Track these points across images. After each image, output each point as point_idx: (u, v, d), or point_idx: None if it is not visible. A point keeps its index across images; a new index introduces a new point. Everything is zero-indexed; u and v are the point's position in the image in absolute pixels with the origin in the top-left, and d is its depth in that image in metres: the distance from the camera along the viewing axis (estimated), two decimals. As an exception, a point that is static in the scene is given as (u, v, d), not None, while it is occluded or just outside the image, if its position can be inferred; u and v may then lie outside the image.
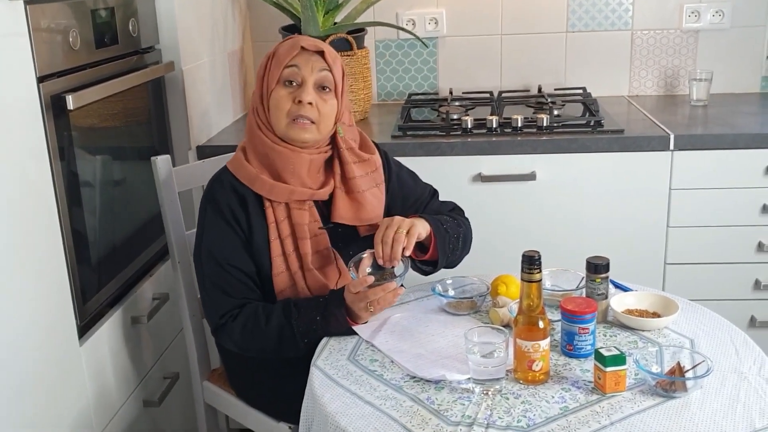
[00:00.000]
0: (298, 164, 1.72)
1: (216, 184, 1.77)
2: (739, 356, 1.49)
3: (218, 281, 1.73)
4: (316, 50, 1.72)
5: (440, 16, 2.99)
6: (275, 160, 1.72)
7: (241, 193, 1.74)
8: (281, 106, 1.70)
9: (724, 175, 2.42)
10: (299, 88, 1.70)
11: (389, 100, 3.10)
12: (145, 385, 2.07)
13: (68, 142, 1.74)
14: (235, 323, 1.71)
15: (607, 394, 1.37)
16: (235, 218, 1.73)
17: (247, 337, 1.70)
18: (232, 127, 2.75)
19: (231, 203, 1.73)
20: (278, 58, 1.72)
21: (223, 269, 1.72)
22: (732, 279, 2.50)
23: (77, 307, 1.75)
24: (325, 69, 1.72)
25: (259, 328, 1.68)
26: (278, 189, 1.72)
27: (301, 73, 1.70)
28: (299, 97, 1.69)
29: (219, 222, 1.73)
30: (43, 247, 1.61)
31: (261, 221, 1.74)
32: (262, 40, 3.05)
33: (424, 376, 1.45)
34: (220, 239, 1.73)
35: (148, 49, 2.18)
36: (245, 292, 1.74)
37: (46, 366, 1.62)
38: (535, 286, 1.42)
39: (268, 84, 1.73)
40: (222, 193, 1.74)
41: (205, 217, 1.76)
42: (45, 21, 1.65)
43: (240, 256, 1.73)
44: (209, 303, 1.76)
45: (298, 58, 1.70)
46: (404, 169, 1.94)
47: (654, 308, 1.64)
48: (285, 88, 1.71)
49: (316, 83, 1.71)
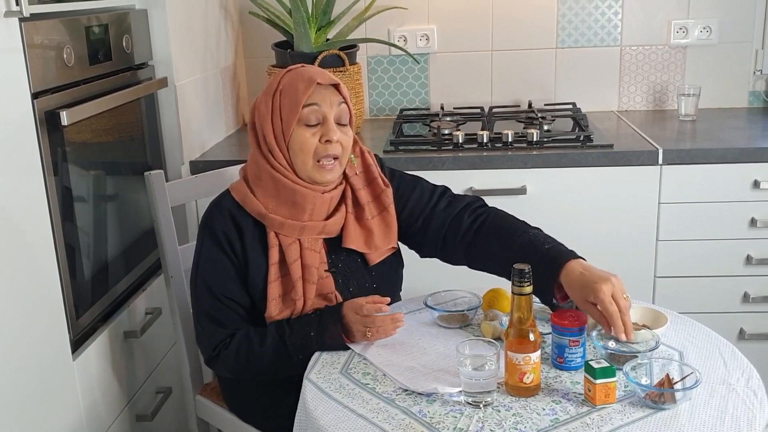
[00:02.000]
0: (319, 204, 1.69)
1: (215, 210, 1.72)
2: (728, 368, 1.51)
3: (212, 312, 1.70)
4: (332, 83, 1.68)
5: (431, 33, 3.02)
6: (297, 200, 1.67)
7: (240, 224, 1.69)
8: (307, 149, 1.64)
9: (712, 189, 2.44)
10: (321, 125, 1.65)
11: (381, 115, 3.12)
12: (137, 399, 2.07)
13: (62, 158, 1.75)
14: (228, 350, 1.70)
15: (597, 406, 1.38)
16: (232, 248, 1.69)
17: (241, 361, 1.69)
18: (225, 142, 2.76)
19: (228, 231, 1.69)
20: (292, 96, 1.64)
21: (218, 300, 1.70)
22: (721, 292, 2.52)
23: (70, 321, 1.75)
24: (342, 102, 1.68)
25: (253, 350, 1.67)
26: (289, 225, 1.67)
27: (321, 110, 1.65)
28: (326, 136, 1.64)
29: (214, 250, 1.70)
30: (36, 262, 1.62)
31: (260, 257, 1.69)
32: (254, 56, 3.07)
33: (416, 389, 1.46)
34: (215, 269, 1.70)
35: (141, 65, 2.20)
36: (239, 322, 1.72)
37: (39, 380, 1.62)
38: (525, 299, 1.43)
39: (285, 125, 1.65)
40: (219, 219, 1.70)
41: (202, 245, 1.72)
42: (39, 37, 1.66)
43: (236, 288, 1.70)
44: (203, 334, 1.74)
45: (316, 95, 1.64)
46: (406, 180, 1.87)
47: (643, 321, 1.66)
48: (308, 129, 1.65)
49: (336, 119, 1.67)
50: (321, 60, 2.60)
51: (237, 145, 2.75)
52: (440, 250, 1.83)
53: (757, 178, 2.41)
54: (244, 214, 1.70)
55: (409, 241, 1.88)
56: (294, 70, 1.70)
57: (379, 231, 1.77)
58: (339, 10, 2.79)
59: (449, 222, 1.80)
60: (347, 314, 1.63)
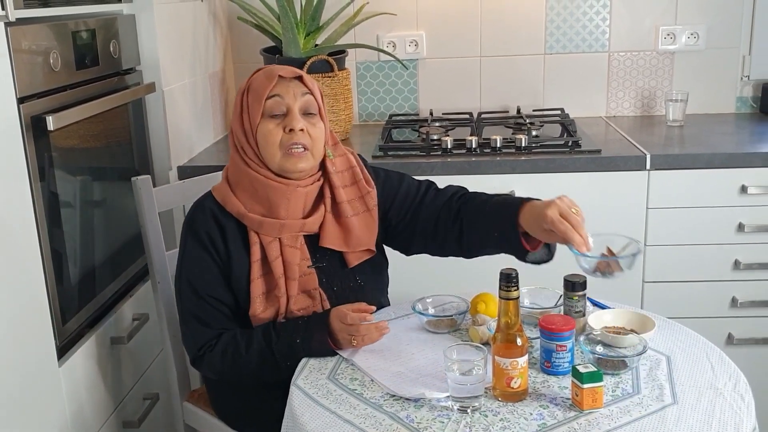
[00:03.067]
0: (293, 199, 1.69)
1: (198, 211, 1.73)
2: (715, 372, 1.51)
3: (197, 312, 1.71)
4: (294, 76, 1.70)
5: (420, 39, 3.02)
6: (270, 196, 1.68)
7: (222, 224, 1.70)
8: (272, 140, 1.66)
9: (700, 194, 2.45)
10: (286, 117, 1.67)
11: (370, 120, 3.12)
12: (124, 406, 2.05)
13: (48, 163, 1.74)
14: (214, 352, 1.69)
15: (584, 411, 1.38)
16: (214, 246, 1.70)
17: (227, 364, 1.69)
18: (213, 148, 2.76)
19: (211, 231, 1.70)
20: (256, 92, 1.68)
21: (203, 300, 1.70)
22: (709, 297, 2.53)
23: (56, 327, 1.74)
24: (307, 93, 1.69)
25: (239, 353, 1.67)
26: (268, 224, 1.68)
27: (284, 101, 1.67)
28: (289, 125, 1.65)
29: (198, 250, 1.70)
30: (22, 268, 1.61)
31: (242, 256, 1.70)
32: (243, 61, 3.07)
33: (404, 395, 1.45)
34: (199, 269, 1.70)
35: (128, 70, 2.19)
36: (224, 322, 1.72)
37: (25, 387, 1.61)
38: (512, 304, 1.43)
39: (251, 119, 1.68)
40: (202, 220, 1.71)
41: (185, 245, 1.73)
42: (26, 42, 1.65)
43: (218, 286, 1.70)
44: (188, 335, 1.74)
45: (278, 87, 1.67)
46: (392, 177, 1.87)
47: (631, 325, 1.66)
48: (272, 120, 1.67)
49: (301, 109, 1.68)
50: (309, 65, 2.60)
51: (225, 151, 2.74)
52: (431, 240, 1.81)
53: (744, 183, 2.42)
54: (226, 214, 1.71)
55: (397, 238, 1.86)
56: (261, 69, 1.74)
57: (359, 230, 1.76)
58: (328, 15, 2.79)
59: (440, 211, 1.80)
60: (333, 322, 1.63)
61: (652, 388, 1.45)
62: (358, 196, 1.78)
